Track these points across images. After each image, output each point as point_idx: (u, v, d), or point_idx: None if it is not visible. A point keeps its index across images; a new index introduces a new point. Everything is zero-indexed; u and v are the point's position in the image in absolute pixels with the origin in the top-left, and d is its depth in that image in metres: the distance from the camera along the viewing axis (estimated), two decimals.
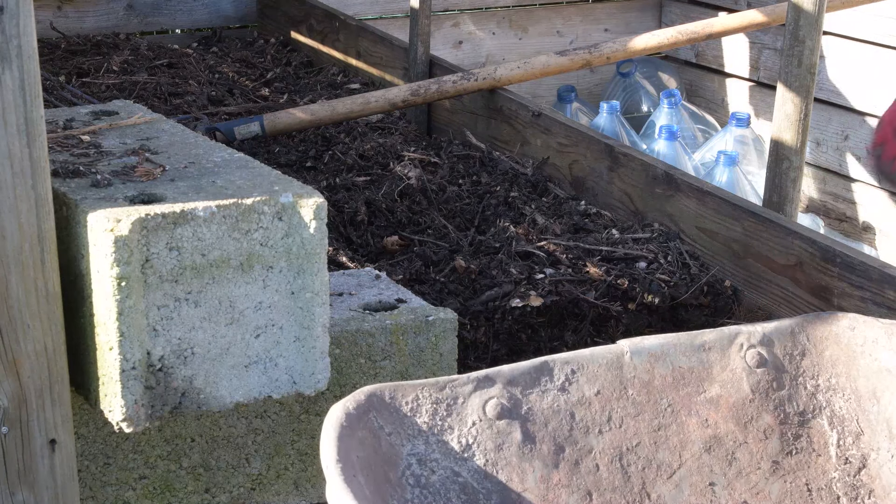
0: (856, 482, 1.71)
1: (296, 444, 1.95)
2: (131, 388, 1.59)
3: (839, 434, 1.72)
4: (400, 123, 3.30)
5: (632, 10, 4.57)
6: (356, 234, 2.65)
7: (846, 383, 1.73)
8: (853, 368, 1.73)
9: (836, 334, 1.75)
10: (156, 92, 3.38)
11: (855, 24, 3.84)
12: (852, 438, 1.72)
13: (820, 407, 1.73)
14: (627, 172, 2.74)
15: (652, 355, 1.68)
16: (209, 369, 1.64)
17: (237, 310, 1.64)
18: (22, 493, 1.62)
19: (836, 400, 1.73)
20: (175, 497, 1.90)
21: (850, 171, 3.90)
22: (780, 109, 2.46)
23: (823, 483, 1.70)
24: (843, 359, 1.74)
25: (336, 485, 1.36)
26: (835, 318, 1.76)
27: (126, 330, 1.57)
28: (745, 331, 1.73)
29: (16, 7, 1.48)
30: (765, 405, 1.70)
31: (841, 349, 1.74)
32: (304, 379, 1.70)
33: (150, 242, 1.57)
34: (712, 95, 4.42)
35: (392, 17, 4.24)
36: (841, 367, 1.73)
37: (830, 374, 1.73)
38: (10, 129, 1.51)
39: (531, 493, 1.56)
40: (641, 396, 1.66)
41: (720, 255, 2.51)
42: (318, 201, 1.65)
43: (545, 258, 2.51)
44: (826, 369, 1.73)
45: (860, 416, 1.72)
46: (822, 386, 1.73)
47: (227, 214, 1.61)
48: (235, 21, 4.14)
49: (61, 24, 3.86)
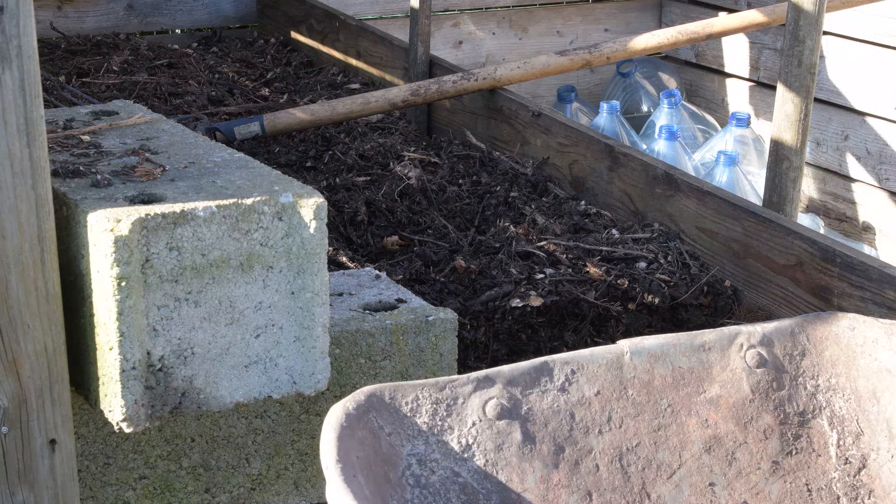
0: (856, 482, 1.71)
1: (296, 444, 1.95)
2: (131, 388, 1.59)
3: (839, 434, 1.72)
4: (400, 123, 3.30)
5: (632, 10, 4.57)
6: (356, 234, 2.65)
7: (846, 383, 1.73)
8: (853, 368, 1.73)
9: (836, 334, 1.75)
10: (156, 92, 3.38)
11: (855, 24, 3.84)
12: (852, 438, 1.72)
13: (820, 407, 1.73)
14: (627, 172, 2.74)
15: (652, 355, 1.68)
16: (209, 369, 1.64)
17: (237, 310, 1.64)
18: (22, 493, 1.62)
19: (836, 400, 1.73)
20: (175, 497, 1.90)
21: (850, 171, 3.90)
22: (780, 109, 2.46)
23: (823, 483, 1.70)
24: (843, 359, 1.74)
25: (336, 485, 1.36)
26: (835, 319, 1.76)
27: (126, 330, 1.57)
28: (745, 331, 1.73)
29: (16, 7, 1.48)
30: (765, 405, 1.70)
31: (841, 349, 1.74)
32: (305, 379, 1.70)
33: (150, 242, 1.57)
34: (712, 95, 4.42)
35: (392, 17, 4.25)
36: (841, 367, 1.73)
37: (830, 374, 1.73)
38: (10, 129, 1.51)
39: (531, 494, 1.57)
40: (641, 396, 1.66)
41: (720, 255, 2.51)
42: (319, 201, 1.65)
43: (545, 258, 2.51)
44: (826, 369, 1.74)
45: (860, 417, 1.72)
46: (822, 386, 1.73)
47: (227, 214, 1.61)
48: (235, 21, 4.14)
49: (61, 24, 3.86)
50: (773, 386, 1.71)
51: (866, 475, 1.71)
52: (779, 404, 1.71)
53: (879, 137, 3.82)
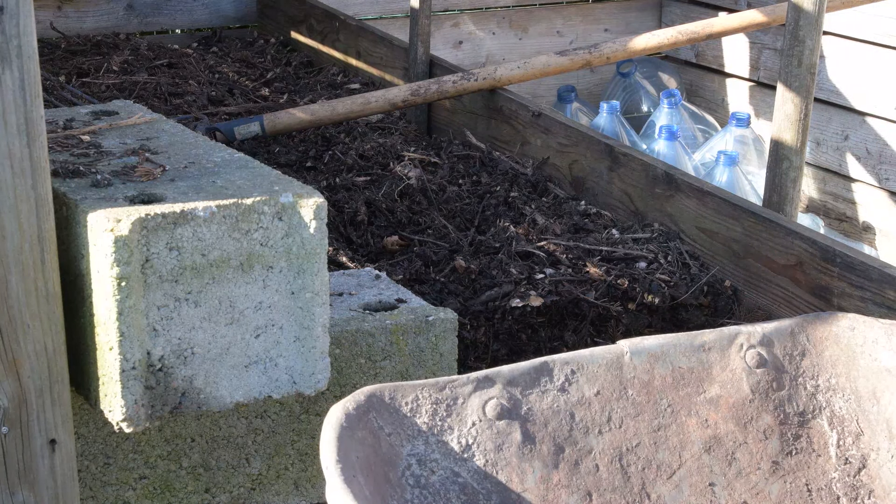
0: (856, 482, 1.71)
1: (296, 444, 1.95)
2: (131, 388, 1.59)
3: (839, 434, 1.72)
4: (400, 123, 3.30)
5: (632, 10, 4.57)
6: (356, 234, 2.65)
7: (846, 384, 1.73)
8: (853, 369, 1.73)
9: (836, 335, 1.75)
10: (156, 92, 3.38)
11: (855, 24, 3.84)
12: (852, 439, 1.72)
13: (820, 407, 1.73)
14: (627, 172, 2.74)
15: (652, 356, 1.68)
16: (209, 369, 1.64)
17: (237, 310, 1.64)
18: (22, 493, 1.62)
19: (837, 400, 1.73)
20: (175, 497, 1.90)
21: (850, 171, 3.90)
22: (780, 109, 2.46)
23: (823, 483, 1.70)
24: (843, 359, 1.74)
25: (336, 485, 1.36)
26: (834, 319, 1.76)
27: (126, 330, 1.57)
28: (745, 331, 1.73)
29: (16, 7, 1.48)
30: (765, 405, 1.70)
31: (840, 349, 1.74)
32: (304, 379, 1.70)
33: (150, 242, 1.57)
34: (712, 95, 4.42)
35: (392, 17, 4.24)
36: (841, 367, 1.73)
37: (830, 374, 1.73)
38: (10, 129, 1.51)
39: (531, 494, 1.57)
40: (641, 397, 1.66)
41: (720, 255, 2.51)
42: (318, 201, 1.65)
43: (545, 258, 2.51)
44: (826, 370, 1.73)
45: (860, 417, 1.72)
46: (823, 386, 1.73)
47: (227, 214, 1.61)
48: (235, 21, 4.14)
49: (61, 24, 3.86)
50: (773, 386, 1.71)
51: (866, 475, 1.71)
52: (779, 404, 1.71)
53: (879, 137, 3.82)
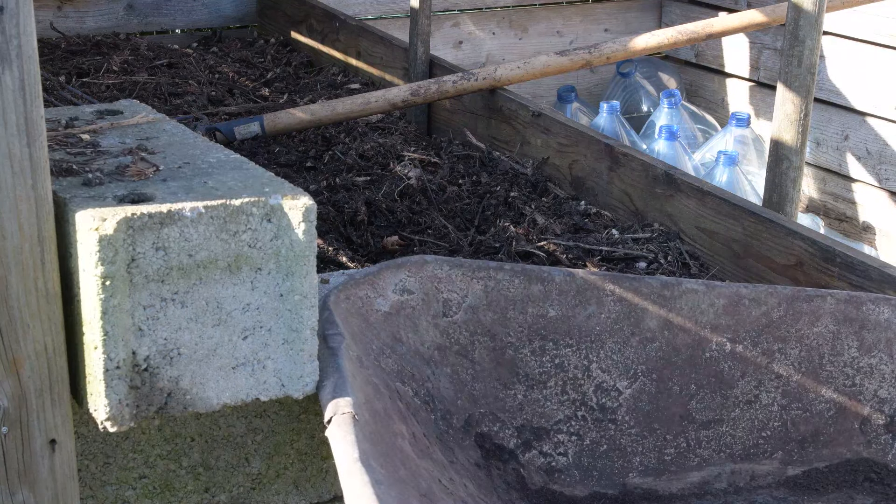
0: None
1: (295, 444, 1.96)
2: (115, 388, 1.58)
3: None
4: (400, 123, 3.30)
5: (632, 10, 4.57)
6: (356, 234, 2.65)
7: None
8: None
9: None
10: (156, 92, 3.38)
11: (855, 24, 3.84)
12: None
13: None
14: (627, 172, 2.74)
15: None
16: (196, 370, 1.63)
17: (225, 311, 1.63)
18: (22, 493, 1.62)
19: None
20: (175, 497, 1.90)
21: (850, 171, 3.90)
22: (780, 109, 2.46)
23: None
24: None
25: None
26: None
27: (110, 329, 1.56)
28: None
29: (16, 7, 1.48)
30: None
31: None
32: (293, 381, 1.70)
33: (136, 242, 1.55)
34: (712, 95, 4.42)
35: (392, 17, 4.25)
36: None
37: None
38: (10, 129, 1.51)
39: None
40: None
41: (720, 255, 2.51)
42: (308, 203, 1.64)
43: (545, 258, 2.51)
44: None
45: None
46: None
47: (214, 215, 1.60)
48: (235, 21, 4.14)
49: (61, 24, 3.86)
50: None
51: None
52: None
53: (879, 137, 3.82)
